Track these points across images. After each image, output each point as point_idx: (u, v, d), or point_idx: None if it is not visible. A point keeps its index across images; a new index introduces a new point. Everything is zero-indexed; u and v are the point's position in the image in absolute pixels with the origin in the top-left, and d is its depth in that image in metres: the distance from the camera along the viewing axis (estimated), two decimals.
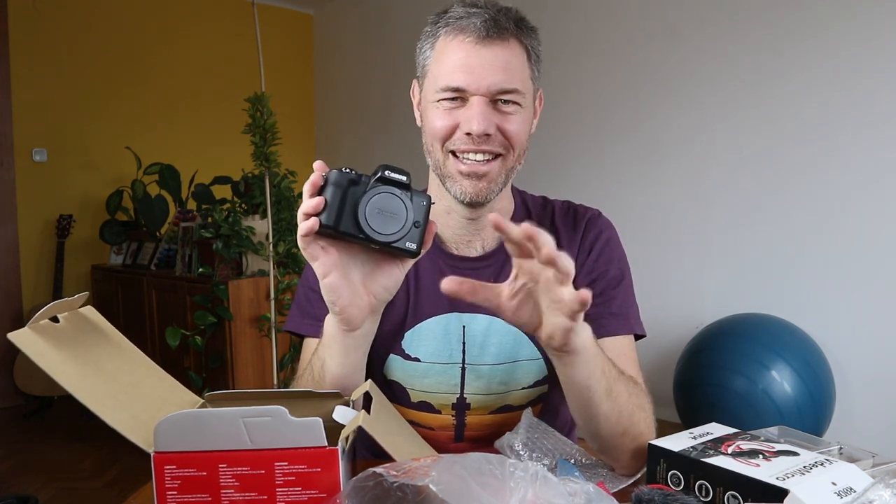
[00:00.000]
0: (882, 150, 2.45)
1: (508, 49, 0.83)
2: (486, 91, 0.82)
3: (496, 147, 0.85)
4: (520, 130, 0.85)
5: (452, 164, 0.86)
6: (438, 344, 0.92)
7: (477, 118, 0.82)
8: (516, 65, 0.84)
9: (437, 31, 0.86)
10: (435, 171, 0.90)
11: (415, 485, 0.50)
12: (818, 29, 2.58)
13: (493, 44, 0.82)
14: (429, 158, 0.90)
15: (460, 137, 0.84)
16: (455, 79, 0.83)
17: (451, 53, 0.84)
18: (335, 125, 4.87)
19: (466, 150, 0.85)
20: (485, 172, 0.85)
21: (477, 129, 0.82)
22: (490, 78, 0.82)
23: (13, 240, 3.66)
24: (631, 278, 0.96)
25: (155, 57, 4.16)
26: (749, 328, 2.47)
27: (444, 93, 0.84)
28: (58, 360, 0.61)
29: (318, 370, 0.79)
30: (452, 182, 0.87)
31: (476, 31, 0.82)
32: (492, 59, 0.82)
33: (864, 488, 0.59)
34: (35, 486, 2.48)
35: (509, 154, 0.86)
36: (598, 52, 3.29)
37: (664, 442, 0.70)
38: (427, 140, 0.89)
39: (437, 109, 0.86)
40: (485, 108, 0.82)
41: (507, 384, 0.92)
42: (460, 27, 0.83)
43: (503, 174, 0.87)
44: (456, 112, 0.84)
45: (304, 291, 0.96)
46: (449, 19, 0.85)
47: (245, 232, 2.65)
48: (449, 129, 0.85)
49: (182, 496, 0.59)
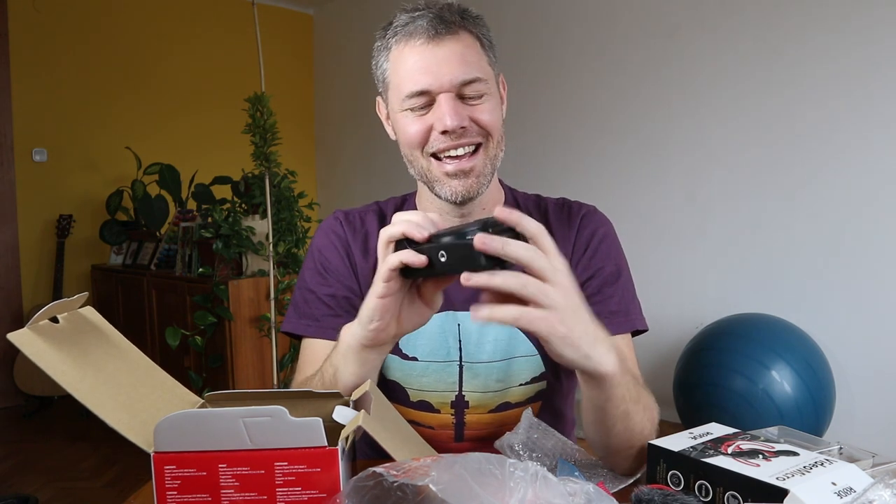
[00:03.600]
0: (882, 150, 2.45)
1: (460, 41, 0.84)
2: (450, 86, 0.83)
3: (475, 137, 0.85)
4: (492, 117, 0.86)
5: (436, 168, 0.86)
6: (435, 342, 0.92)
7: (448, 114, 0.82)
8: (471, 54, 0.85)
9: (388, 42, 0.87)
10: (420, 178, 0.90)
11: (415, 484, 0.50)
12: (821, 31, 2.58)
13: (444, 40, 0.83)
14: (411, 168, 0.91)
15: (437, 138, 0.85)
16: (416, 82, 0.83)
17: (406, 59, 0.84)
18: (335, 125, 4.87)
19: (446, 147, 0.85)
20: (471, 168, 0.86)
21: (451, 124, 0.82)
22: (450, 73, 0.82)
23: (13, 240, 3.66)
24: (629, 273, 0.95)
25: (155, 57, 4.16)
26: (749, 328, 2.47)
27: (410, 99, 0.84)
28: (58, 360, 0.61)
29: (330, 377, 0.79)
30: (441, 185, 0.87)
31: (425, 32, 0.83)
32: (447, 55, 0.83)
33: (864, 488, 0.59)
34: (35, 486, 2.48)
35: (489, 142, 0.87)
36: (599, 52, 3.29)
37: (664, 442, 0.70)
38: (405, 150, 0.89)
39: (406, 118, 0.86)
40: (453, 102, 0.83)
41: (504, 381, 0.92)
42: (409, 32, 0.84)
43: (487, 164, 0.87)
44: (426, 116, 0.85)
45: (301, 293, 0.96)
46: (396, 28, 0.86)
47: (245, 232, 2.65)
48: (423, 133, 0.85)
49: (182, 496, 0.59)
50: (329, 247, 0.96)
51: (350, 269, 0.94)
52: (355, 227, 0.97)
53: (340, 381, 0.77)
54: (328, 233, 0.97)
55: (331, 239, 0.96)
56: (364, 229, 0.97)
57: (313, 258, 0.96)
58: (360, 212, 1.00)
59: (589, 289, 0.91)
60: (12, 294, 3.65)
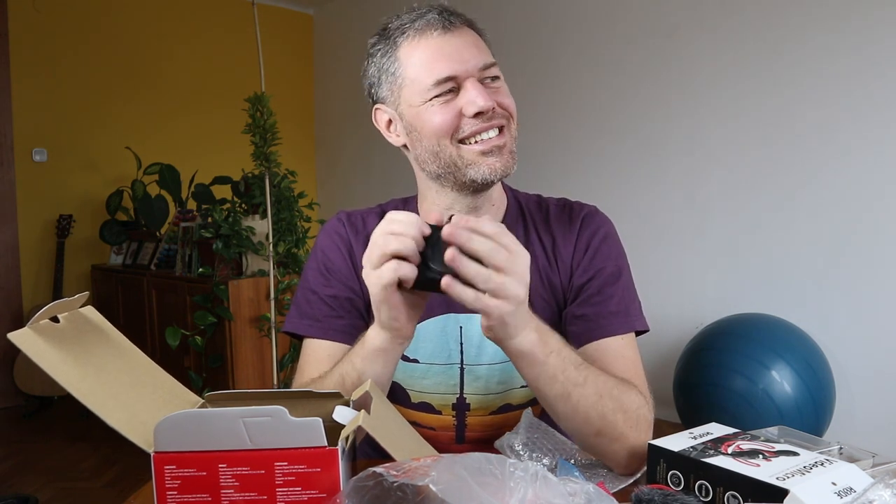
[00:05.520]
0: (883, 150, 2.45)
1: (468, 32, 0.87)
2: (475, 70, 0.84)
3: (501, 120, 0.87)
4: (511, 100, 0.89)
5: (468, 151, 0.86)
6: (437, 345, 0.92)
7: (481, 96, 0.83)
8: (481, 43, 0.88)
9: (396, 41, 0.87)
10: (448, 170, 0.87)
11: (415, 484, 0.50)
12: (820, 31, 2.58)
13: (456, 30, 0.86)
14: (433, 165, 0.88)
15: (468, 122, 0.84)
16: (442, 69, 0.84)
17: (424, 51, 0.85)
18: (335, 125, 4.86)
19: (478, 130, 0.85)
20: (502, 144, 0.87)
21: (485, 105, 0.83)
22: (472, 59, 0.84)
23: (13, 240, 3.66)
24: (630, 273, 0.95)
25: (155, 57, 4.16)
26: (749, 328, 2.47)
27: (437, 87, 0.84)
28: (58, 360, 0.61)
29: (354, 381, 0.78)
30: (476, 167, 0.86)
31: (439, 24, 0.85)
32: (463, 43, 0.85)
33: (864, 488, 0.59)
34: (35, 486, 2.48)
35: (510, 123, 0.88)
36: (599, 52, 3.29)
37: (664, 442, 0.70)
38: (430, 143, 0.86)
39: (430, 108, 0.85)
40: (480, 85, 0.84)
41: (505, 383, 0.92)
42: (420, 27, 0.85)
43: (513, 143, 0.89)
44: (452, 103, 0.85)
45: (304, 293, 0.96)
46: (403, 26, 0.86)
47: (245, 232, 2.65)
48: (451, 120, 0.85)
49: (182, 496, 0.59)
50: (332, 247, 0.96)
51: (352, 270, 0.94)
52: (357, 228, 0.97)
53: None
54: (331, 234, 0.97)
55: (334, 240, 0.96)
56: (366, 231, 0.97)
57: (316, 259, 0.97)
58: (362, 213, 0.99)
59: (589, 289, 0.91)
60: (12, 294, 3.65)
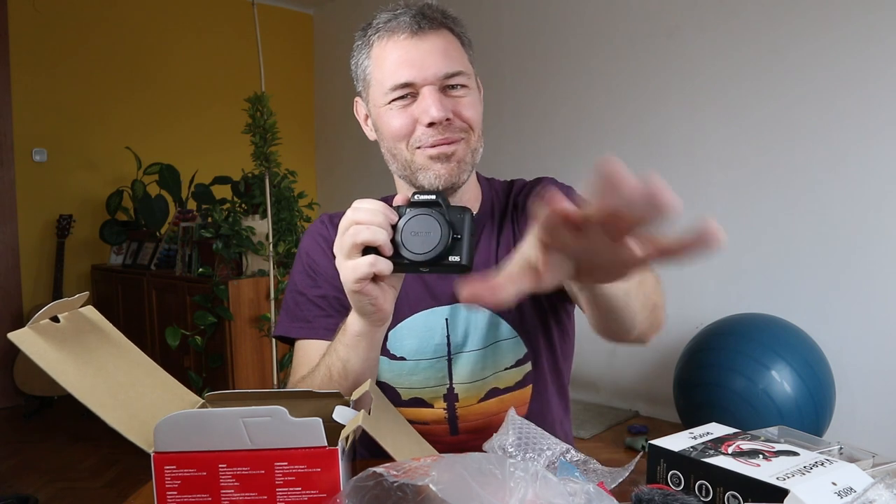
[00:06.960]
0: (883, 150, 2.45)
1: (442, 37, 0.86)
2: (434, 79, 0.84)
3: (457, 133, 0.86)
4: (475, 112, 0.87)
5: (420, 154, 0.86)
6: (422, 340, 0.93)
7: (434, 105, 0.83)
8: (453, 49, 0.86)
9: (370, 39, 0.88)
10: (404, 172, 0.89)
11: (415, 485, 0.50)
12: (821, 31, 2.58)
13: (427, 35, 0.85)
14: (393, 164, 0.90)
15: (422, 132, 0.85)
16: (400, 75, 0.84)
17: (389, 54, 0.85)
18: (335, 125, 4.86)
19: (432, 143, 0.85)
20: (452, 152, 0.86)
21: (436, 116, 0.83)
22: (433, 66, 0.83)
23: (13, 240, 3.66)
24: None
25: (155, 57, 4.16)
26: (749, 328, 2.47)
27: (394, 92, 0.85)
28: (58, 360, 0.61)
29: (339, 371, 0.79)
30: (425, 172, 0.87)
31: (408, 27, 0.84)
32: (430, 49, 0.84)
33: (864, 488, 0.59)
34: (35, 486, 2.48)
35: (470, 136, 0.88)
36: (598, 53, 3.29)
37: (664, 442, 0.70)
38: (388, 145, 0.89)
39: (390, 112, 0.86)
40: (437, 95, 0.84)
41: (490, 367, 0.93)
42: (392, 28, 0.85)
43: (468, 155, 0.88)
44: (409, 108, 0.85)
45: (292, 296, 0.97)
46: (378, 25, 0.87)
47: (245, 232, 2.65)
48: (408, 126, 0.85)
49: (182, 496, 0.59)
50: (316, 249, 0.97)
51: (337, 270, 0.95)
52: None
53: (352, 371, 0.78)
54: (315, 235, 0.99)
55: (317, 241, 0.98)
56: None
57: (301, 261, 0.98)
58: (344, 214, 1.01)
59: None
60: (12, 294, 3.65)
